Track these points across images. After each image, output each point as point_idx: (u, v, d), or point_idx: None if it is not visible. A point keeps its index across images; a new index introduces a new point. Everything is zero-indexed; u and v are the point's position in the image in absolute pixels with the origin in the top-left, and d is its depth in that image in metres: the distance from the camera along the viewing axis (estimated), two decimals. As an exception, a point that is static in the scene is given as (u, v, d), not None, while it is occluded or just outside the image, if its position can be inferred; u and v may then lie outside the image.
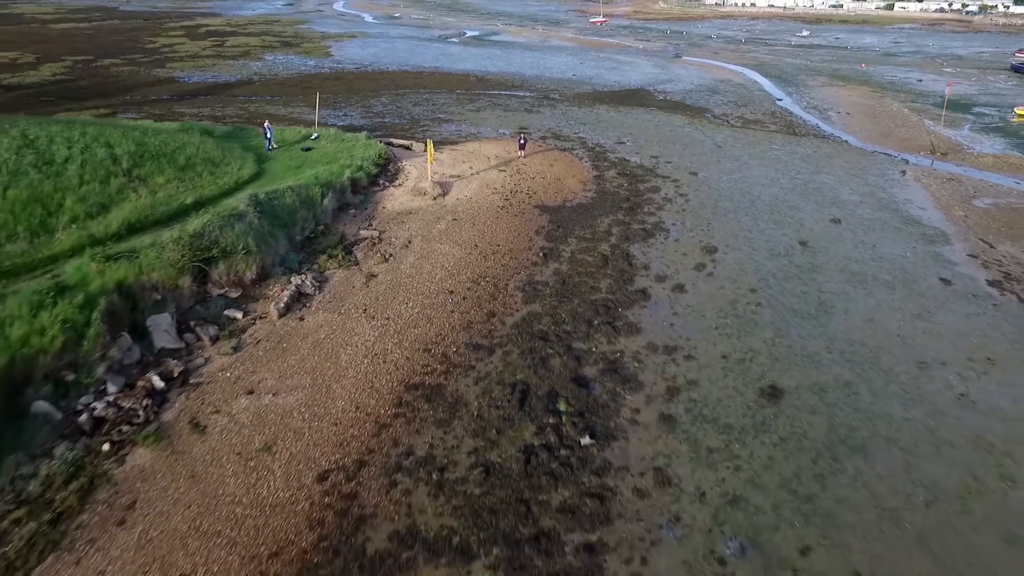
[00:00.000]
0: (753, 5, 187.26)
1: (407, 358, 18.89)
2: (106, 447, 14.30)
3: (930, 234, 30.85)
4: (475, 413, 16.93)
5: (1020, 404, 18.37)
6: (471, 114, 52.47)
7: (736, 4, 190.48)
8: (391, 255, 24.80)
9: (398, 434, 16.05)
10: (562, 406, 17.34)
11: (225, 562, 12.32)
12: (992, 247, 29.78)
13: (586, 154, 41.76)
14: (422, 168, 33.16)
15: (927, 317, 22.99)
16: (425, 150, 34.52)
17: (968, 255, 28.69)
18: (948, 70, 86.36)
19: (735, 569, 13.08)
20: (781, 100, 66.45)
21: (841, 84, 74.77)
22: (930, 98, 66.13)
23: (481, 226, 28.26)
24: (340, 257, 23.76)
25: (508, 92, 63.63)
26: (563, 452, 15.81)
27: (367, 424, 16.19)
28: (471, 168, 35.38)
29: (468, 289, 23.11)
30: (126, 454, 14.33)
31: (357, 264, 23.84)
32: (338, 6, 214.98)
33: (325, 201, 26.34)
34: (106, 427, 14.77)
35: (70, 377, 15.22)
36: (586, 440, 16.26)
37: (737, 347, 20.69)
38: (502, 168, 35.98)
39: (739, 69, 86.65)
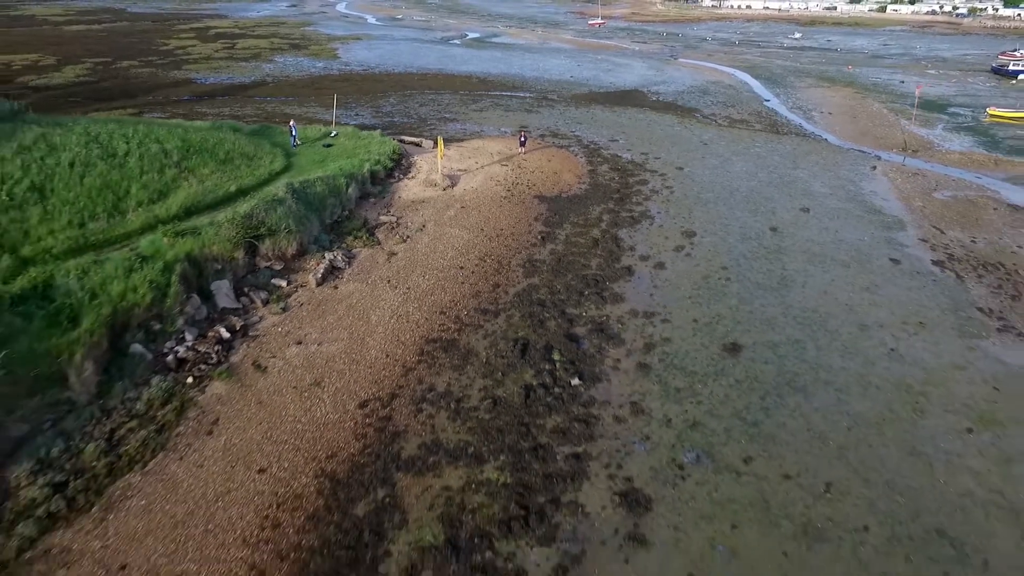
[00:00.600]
0: (749, 7, 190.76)
1: (426, 318, 22.46)
2: (190, 380, 17.86)
3: (888, 221, 34.43)
4: (484, 360, 20.50)
5: (940, 358, 21.94)
6: (475, 114, 56.06)
7: (732, 6, 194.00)
8: (408, 237, 28.38)
9: (421, 375, 19.62)
10: (556, 356, 20.89)
11: (293, 460, 15.89)
12: (943, 232, 33.35)
13: (581, 151, 45.33)
14: (432, 162, 36.73)
15: (873, 290, 26.57)
16: (435, 146, 38.14)
17: (919, 239, 32.26)
18: (931, 72, 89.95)
19: (691, 472, 16.63)
20: (768, 101, 69.98)
21: (827, 86, 78.32)
22: (910, 99, 69.45)
23: (486, 213, 31.83)
24: (364, 238, 27.35)
25: (509, 93, 67.20)
26: (556, 390, 19.37)
27: (396, 367, 19.76)
28: (476, 163, 38.95)
29: (476, 265, 26.69)
30: (206, 386, 17.88)
31: (379, 244, 27.42)
32: (341, 7, 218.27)
33: (349, 190, 29.93)
34: (188, 366, 18.33)
35: (157, 327, 18.79)
36: (575, 381, 19.82)
37: (706, 313, 24.26)
38: (504, 163, 39.55)
39: (731, 71, 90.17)
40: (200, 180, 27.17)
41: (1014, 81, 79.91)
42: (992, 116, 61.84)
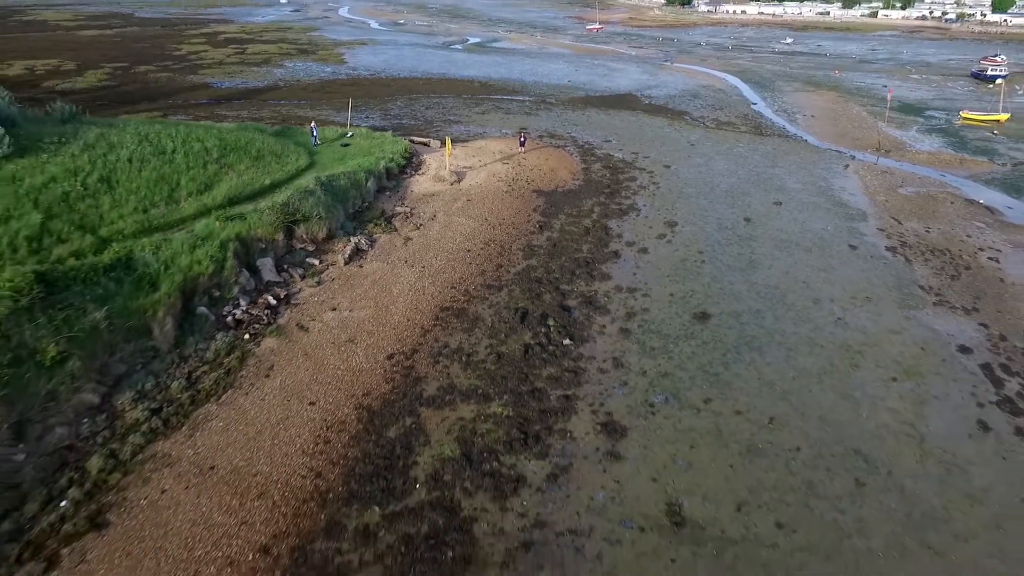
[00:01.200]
0: (744, 12, 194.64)
1: (439, 291, 26.18)
2: (247, 336, 21.58)
3: (852, 213, 38.19)
4: (489, 325, 24.22)
5: (879, 325, 25.66)
6: (477, 116, 59.86)
7: (728, 11, 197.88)
8: (421, 225, 32.12)
9: (437, 335, 23.34)
10: (551, 322, 24.60)
11: (336, 397, 19.59)
12: (900, 223, 37.10)
13: (576, 150, 49.09)
14: (440, 160, 40.49)
15: (830, 271, 30.32)
16: (442, 146, 41.91)
17: (878, 229, 36.01)
18: (914, 76, 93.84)
19: (660, 409, 20.33)
20: (756, 104, 73.78)
21: (812, 90, 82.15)
22: (891, 102, 73.46)
23: (490, 205, 35.57)
24: (383, 225, 31.08)
25: (509, 97, 71.00)
26: (550, 348, 23.08)
27: (416, 329, 23.48)
28: (480, 161, 42.70)
29: (481, 249, 30.42)
30: (260, 341, 21.59)
31: (396, 230, 31.16)
32: (343, 12, 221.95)
33: (368, 184, 33.68)
34: (244, 325, 22.04)
35: (217, 294, 22.50)
36: (567, 341, 23.53)
37: (682, 288, 28.00)
38: (505, 161, 43.30)
39: (722, 75, 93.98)
40: (238, 174, 30.89)
41: (991, 85, 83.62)
42: (965, 119, 65.61)
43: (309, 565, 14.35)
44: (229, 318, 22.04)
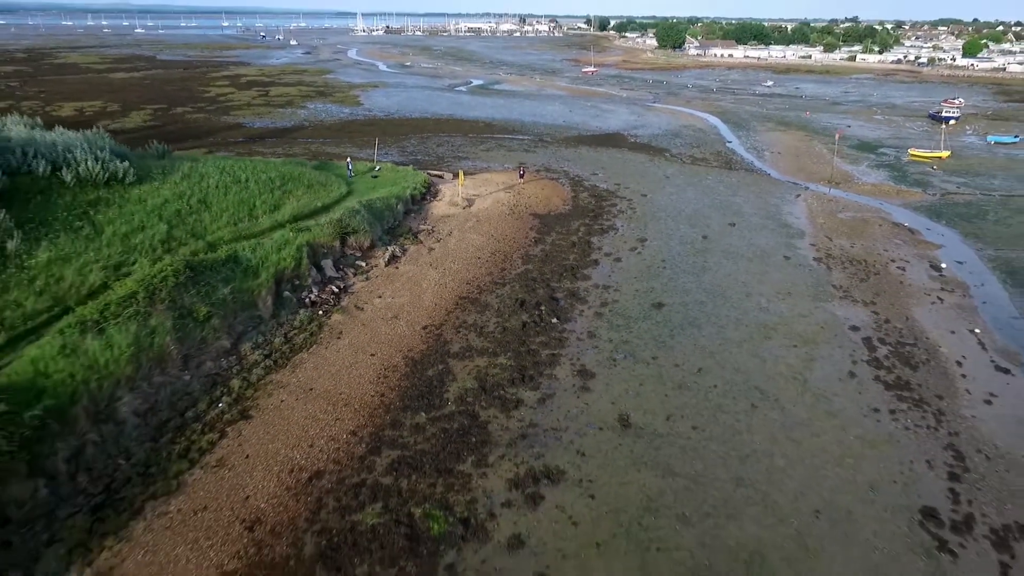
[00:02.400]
0: (731, 56, 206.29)
1: (457, 286, 34.30)
2: (320, 313, 29.64)
3: (792, 232, 46.50)
4: (496, 308, 32.28)
5: (793, 312, 33.67)
6: (483, 152, 68.67)
7: (716, 55, 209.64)
8: (441, 239, 40.39)
9: (458, 315, 31.39)
10: (543, 307, 32.64)
11: (388, 351, 27.57)
12: (831, 240, 45.35)
13: (568, 182, 57.67)
14: (453, 189, 48.95)
15: (764, 274, 38.47)
16: (454, 178, 50.41)
17: (811, 244, 44.27)
18: (878, 117, 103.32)
19: (619, 363, 28.22)
20: (730, 142, 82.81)
21: (783, 129, 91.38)
22: (850, 141, 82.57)
23: (495, 224, 43.88)
24: (411, 239, 39.34)
25: (510, 136, 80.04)
26: (542, 324, 31.09)
27: (441, 310, 31.54)
28: (486, 190, 51.17)
29: (489, 257, 38.62)
30: (330, 316, 29.64)
31: (422, 243, 39.41)
32: (352, 54, 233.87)
33: (398, 207, 42.05)
34: (317, 305, 30.11)
35: (296, 283, 30.63)
36: (554, 320, 31.55)
37: (645, 286, 36.10)
38: (507, 190, 51.78)
39: (704, 116, 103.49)
40: (296, 198, 39.24)
41: (944, 126, 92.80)
42: (912, 156, 74.45)
43: (382, 442, 22.18)
44: (307, 300, 30.14)
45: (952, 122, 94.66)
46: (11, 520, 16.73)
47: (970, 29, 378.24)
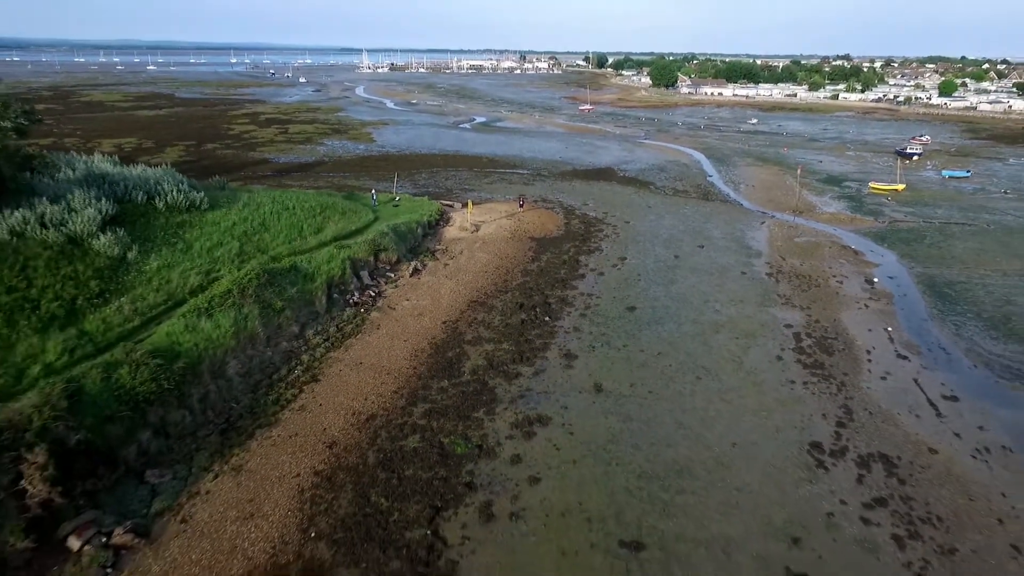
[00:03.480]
0: (720, 94, 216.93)
1: (469, 293, 42.30)
2: (362, 311, 37.60)
3: (752, 253, 54.60)
4: (500, 310, 40.23)
5: (741, 314, 41.56)
6: (486, 185, 77.20)
7: (706, 93, 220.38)
8: (454, 256, 48.51)
9: (470, 314, 39.33)
10: (538, 309, 40.58)
11: (416, 338, 35.46)
12: (784, 260, 53.41)
13: (562, 211, 66.01)
14: (463, 216, 57.21)
15: (721, 285, 46.46)
16: (463, 207, 58.72)
17: (766, 263, 52.32)
18: (849, 153, 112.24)
19: (597, 349, 36.03)
20: (711, 176, 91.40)
21: (760, 164, 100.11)
22: (819, 175, 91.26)
23: (498, 246, 52.03)
24: (430, 256, 47.47)
25: (511, 170, 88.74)
26: (537, 321, 38.99)
27: (457, 310, 39.50)
28: (490, 217, 59.46)
29: (493, 271, 46.68)
30: (369, 313, 37.60)
31: (438, 260, 47.53)
32: (359, 91, 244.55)
33: (418, 230, 50.28)
34: (358, 305, 38.08)
35: (342, 288, 38.64)
36: (547, 319, 39.48)
37: (621, 294, 44.09)
38: (509, 217, 60.07)
39: (689, 151, 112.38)
40: (335, 223, 47.44)
41: (907, 161, 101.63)
42: (872, 188, 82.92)
43: (416, 398, 29.94)
44: (351, 301, 38.13)
45: (915, 158, 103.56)
46: (171, 435, 24.49)
47: (958, 67, 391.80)
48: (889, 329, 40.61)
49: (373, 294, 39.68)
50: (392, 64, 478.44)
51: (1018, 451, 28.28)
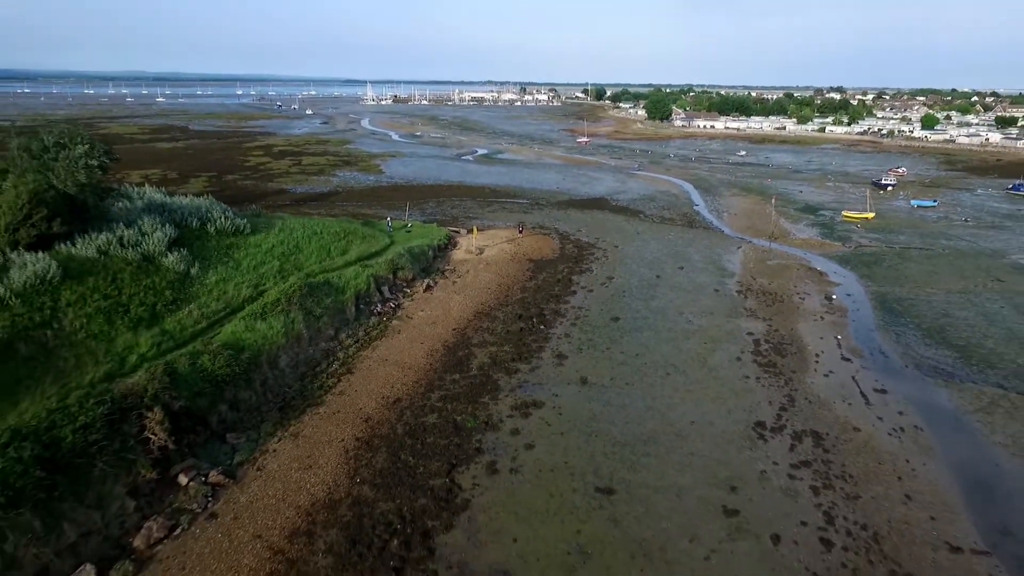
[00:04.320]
0: (712, 127, 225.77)
1: (475, 306, 48.91)
2: (384, 319, 44.18)
3: (726, 273, 61.29)
4: (501, 319, 46.81)
5: (711, 323, 48.07)
6: (489, 213, 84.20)
7: (699, 126, 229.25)
8: (461, 275, 55.22)
9: (476, 323, 45.89)
10: (534, 319, 47.13)
11: (432, 341, 41.95)
12: (754, 279, 60.07)
13: (557, 236, 72.88)
14: (468, 241, 64.04)
15: (695, 300, 53.06)
16: (468, 233, 65.59)
17: (737, 282, 58.98)
18: (829, 184, 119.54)
19: (584, 351, 42.49)
20: (697, 205, 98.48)
21: (744, 194, 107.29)
22: (798, 204, 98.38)
23: (501, 266, 58.77)
24: (440, 275, 54.19)
25: (512, 200, 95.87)
26: (533, 329, 45.52)
27: (464, 320, 46.07)
28: (492, 242, 66.29)
29: (496, 288, 53.34)
30: (391, 321, 44.17)
31: (447, 278, 54.23)
32: (365, 123, 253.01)
33: (429, 252, 57.07)
34: (381, 315, 44.68)
35: (368, 300, 45.27)
36: (542, 327, 46.01)
37: (608, 307, 50.67)
38: (509, 242, 66.91)
39: (679, 182, 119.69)
40: (356, 246, 54.26)
41: (881, 192, 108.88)
42: (845, 217, 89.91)
43: (433, 387, 36.33)
44: (375, 311, 44.74)
45: (890, 188, 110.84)
46: (241, 409, 30.93)
47: (948, 99, 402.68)
48: (839, 337, 47.08)
49: (393, 306, 46.29)
50: (395, 96, 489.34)
51: (927, 431, 34.63)
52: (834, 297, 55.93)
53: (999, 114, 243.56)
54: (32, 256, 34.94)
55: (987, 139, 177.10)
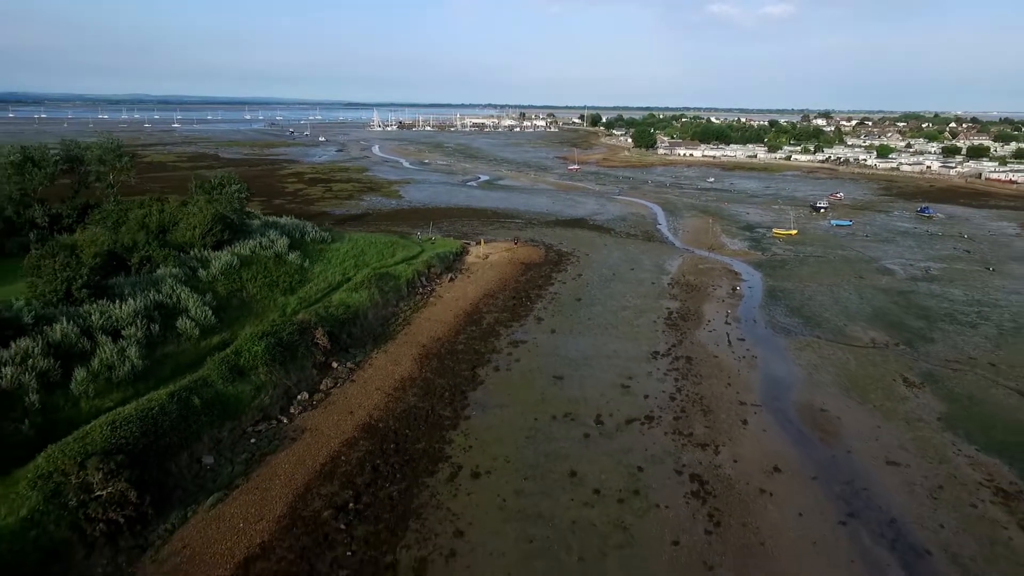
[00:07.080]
0: (691, 155, 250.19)
1: (484, 291, 72.21)
2: (425, 296, 67.43)
3: (664, 272, 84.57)
4: (503, 300, 70.10)
5: (643, 303, 71.26)
6: (491, 230, 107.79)
7: (680, 154, 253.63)
8: (473, 273, 78.62)
9: (484, 300, 69.16)
10: (524, 298, 70.32)
11: (457, 314, 65.17)
12: (684, 276, 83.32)
13: (544, 247, 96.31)
14: (477, 250, 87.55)
15: (635, 289, 76.33)
16: (477, 244, 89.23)
17: (671, 278, 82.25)
18: (775, 206, 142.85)
19: (555, 316, 65.67)
20: (660, 224, 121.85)
21: (700, 216, 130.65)
22: (741, 223, 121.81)
23: (501, 268, 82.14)
24: (458, 272, 77.58)
25: (510, 219, 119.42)
26: (523, 305, 68.75)
27: (478, 299, 69.34)
28: (495, 250, 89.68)
29: (497, 280, 76.66)
30: (429, 298, 67.44)
31: (463, 274, 77.63)
32: (376, 150, 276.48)
33: (450, 257, 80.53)
34: (423, 295, 67.95)
35: (413, 285, 68.58)
36: (528, 303, 69.28)
37: (574, 292, 73.92)
38: (507, 251, 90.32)
39: (651, 205, 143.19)
40: (401, 252, 77.67)
41: (814, 213, 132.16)
42: (775, 233, 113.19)
43: (460, 336, 59.43)
44: (418, 292, 68.00)
45: (823, 210, 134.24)
46: (354, 336, 54.12)
47: (926, 125, 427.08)
48: (728, 312, 70.20)
49: (429, 289, 69.52)
50: (400, 122, 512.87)
51: (759, 358, 57.63)
52: (738, 288, 79.10)
53: (947, 143, 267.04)
54: (219, 252, 58.25)
55: (927, 167, 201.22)
